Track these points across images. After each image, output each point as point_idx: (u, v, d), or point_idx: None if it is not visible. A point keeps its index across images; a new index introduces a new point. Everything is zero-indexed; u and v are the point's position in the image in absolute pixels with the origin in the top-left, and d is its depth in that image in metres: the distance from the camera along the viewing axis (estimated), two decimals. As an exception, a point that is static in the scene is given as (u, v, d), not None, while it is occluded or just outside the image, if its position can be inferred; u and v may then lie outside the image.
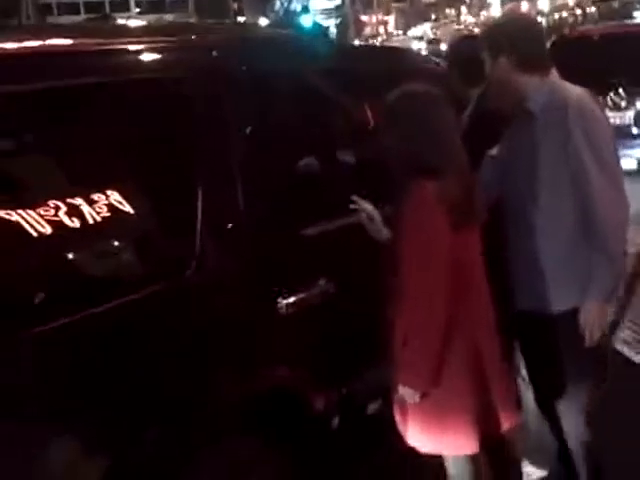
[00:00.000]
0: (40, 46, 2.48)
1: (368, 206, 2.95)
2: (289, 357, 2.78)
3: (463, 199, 2.70)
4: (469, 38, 4.50)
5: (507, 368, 2.98)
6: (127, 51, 2.60)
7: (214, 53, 2.82)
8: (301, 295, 2.78)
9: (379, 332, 2.81)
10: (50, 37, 2.66)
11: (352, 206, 2.94)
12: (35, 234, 2.14)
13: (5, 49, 2.36)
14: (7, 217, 2.11)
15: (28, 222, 2.14)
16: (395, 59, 4.01)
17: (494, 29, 3.14)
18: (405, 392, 2.75)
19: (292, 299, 2.75)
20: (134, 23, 5.34)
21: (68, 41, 2.66)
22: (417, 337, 2.68)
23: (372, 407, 3.20)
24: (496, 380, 2.82)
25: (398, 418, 2.90)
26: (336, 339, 2.93)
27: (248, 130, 2.77)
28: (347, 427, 3.07)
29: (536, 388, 3.23)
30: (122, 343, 2.30)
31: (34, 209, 2.15)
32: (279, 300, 2.72)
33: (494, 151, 3.21)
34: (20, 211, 2.13)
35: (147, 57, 2.63)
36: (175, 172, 2.51)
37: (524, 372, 3.32)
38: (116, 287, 2.35)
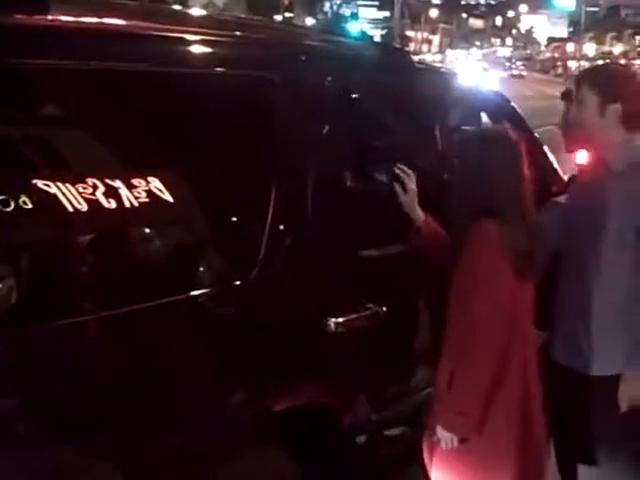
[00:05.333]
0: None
1: (409, 178, 2.92)
2: (330, 374, 2.74)
3: (526, 244, 2.63)
4: None
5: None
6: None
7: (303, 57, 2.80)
8: (351, 316, 2.73)
9: (422, 363, 2.75)
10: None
11: (396, 170, 2.92)
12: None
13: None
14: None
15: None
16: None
17: (610, 76, 2.98)
18: (443, 435, 2.58)
19: (342, 318, 2.70)
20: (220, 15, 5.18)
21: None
22: (467, 375, 2.54)
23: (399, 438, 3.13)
24: (541, 437, 2.71)
25: (427, 460, 2.74)
26: (378, 365, 2.89)
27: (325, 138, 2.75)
28: (371, 453, 3.01)
29: (558, 450, 3.12)
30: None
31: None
32: (330, 318, 2.67)
33: (561, 198, 3.15)
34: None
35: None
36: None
37: None
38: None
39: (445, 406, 2.60)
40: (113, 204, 2.08)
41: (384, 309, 2.84)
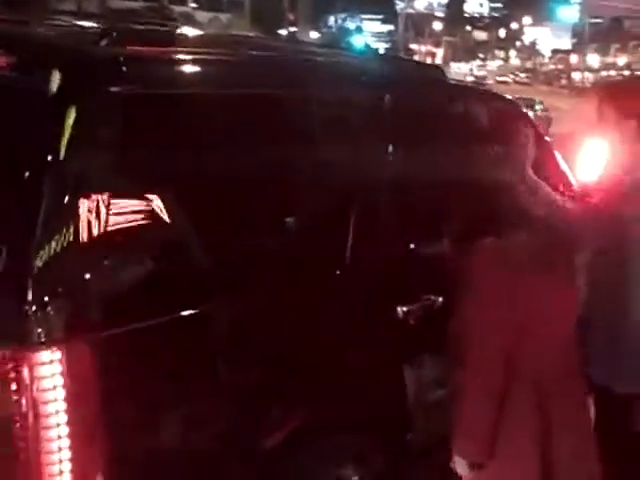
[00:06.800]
0: None
1: None
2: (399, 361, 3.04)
3: (533, 255, 2.59)
4: None
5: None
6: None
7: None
8: (415, 305, 3.02)
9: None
10: None
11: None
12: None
13: None
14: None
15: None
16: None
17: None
18: (457, 462, 2.56)
19: (408, 307, 2.99)
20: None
21: None
22: (468, 399, 2.52)
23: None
24: (572, 462, 2.58)
25: None
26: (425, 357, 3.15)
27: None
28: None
29: None
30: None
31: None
32: (399, 306, 2.97)
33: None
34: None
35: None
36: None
37: None
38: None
39: (455, 429, 2.58)
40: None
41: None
